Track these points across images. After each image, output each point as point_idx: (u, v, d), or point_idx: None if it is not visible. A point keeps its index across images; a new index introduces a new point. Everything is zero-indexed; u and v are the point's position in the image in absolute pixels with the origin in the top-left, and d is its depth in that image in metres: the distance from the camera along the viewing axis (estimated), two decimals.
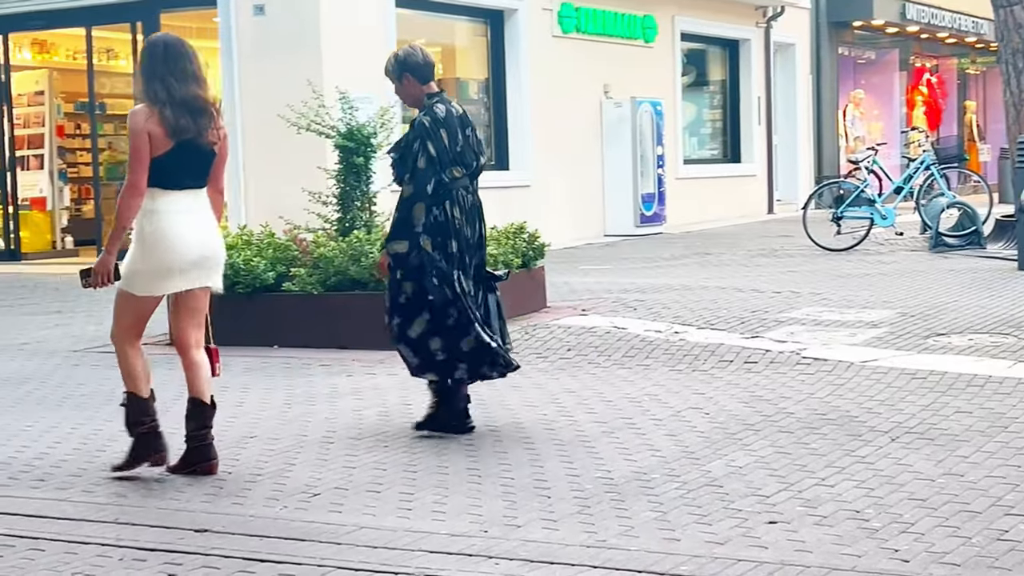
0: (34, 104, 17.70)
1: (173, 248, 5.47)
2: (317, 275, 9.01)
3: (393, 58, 6.32)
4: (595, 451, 5.79)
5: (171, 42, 5.63)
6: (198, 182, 5.59)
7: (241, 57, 14.71)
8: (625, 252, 15.87)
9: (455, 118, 6.24)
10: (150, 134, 5.42)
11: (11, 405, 7.36)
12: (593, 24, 18.54)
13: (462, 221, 6.19)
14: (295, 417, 6.78)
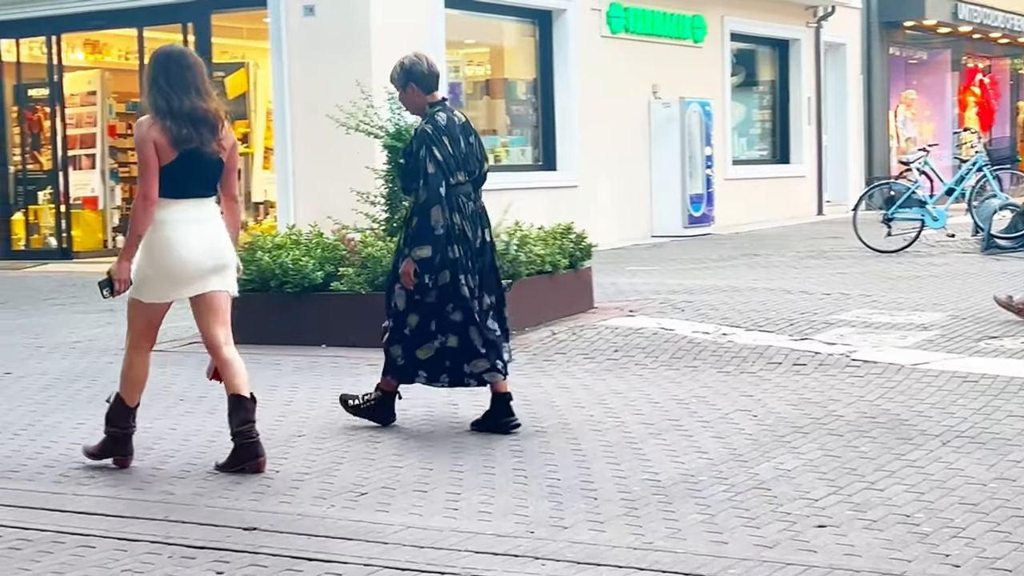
0: (86, 104, 17.87)
1: (179, 256, 5.57)
2: (365, 275, 9.03)
3: (399, 66, 6.43)
4: (642, 453, 5.77)
5: (175, 53, 5.77)
6: (206, 191, 5.69)
7: (291, 58, 14.79)
8: (673, 253, 15.81)
9: (457, 126, 6.36)
10: (155, 144, 5.53)
11: (62, 403, 7.43)
12: (642, 24, 18.48)
13: (463, 226, 6.29)
14: (342, 416, 6.78)
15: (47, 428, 6.71)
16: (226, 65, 16.75)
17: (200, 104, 5.60)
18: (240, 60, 17.07)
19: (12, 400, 7.55)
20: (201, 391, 7.63)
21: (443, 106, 6.43)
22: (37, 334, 10.24)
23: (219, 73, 16.35)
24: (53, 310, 11.77)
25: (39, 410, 7.23)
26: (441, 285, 6.27)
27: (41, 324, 10.77)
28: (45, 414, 7.10)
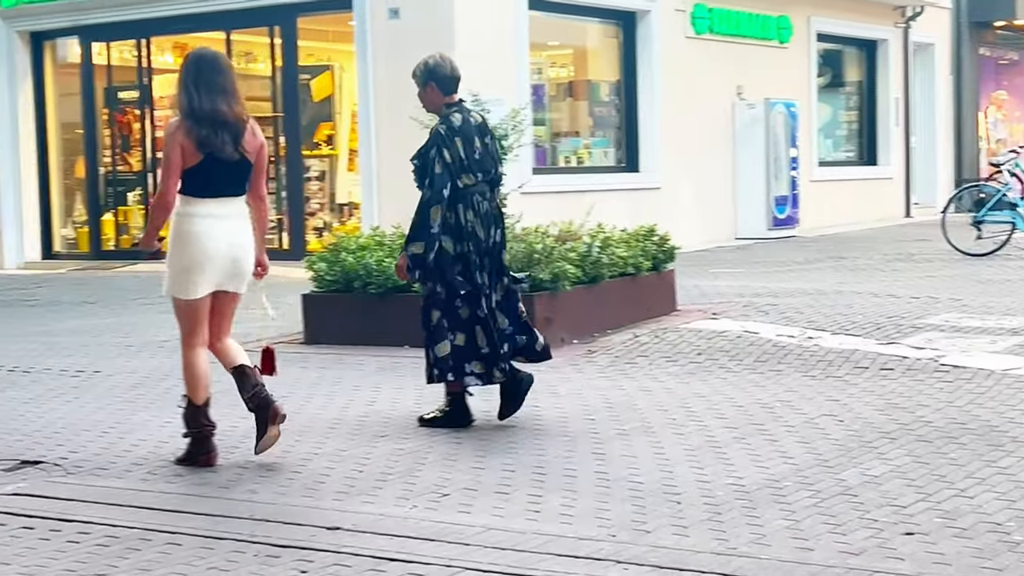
0: (175, 106, 18.11)
1: (203, 247, 5.78)
2: None
3: (423, 65, 6.57)
4: (726, 457, 5.71)
5: (207, 57, 5.94)
6: (235, 190, 5.89)
7: (376, 60, 14.88)
8: (757, 255, 15.67)
9: (472, 127, 6.50)
10: (182, 146, 5.75)
11: (150, 402, 7.54)
12: (727, 25, 18.35)
13: (476, 224, 6.45)
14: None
15: (135, 426, 6.81)
16: (312, 68, 16.90)
17: (223, 107, 5.77)
18: (326, 63, 17.21)
19: (101, 398, 7.67)
20: (284, 391, 7.69)
21: (460, 107, 6.55)
22: (126, 333, 10.41)
23: (305, 76, 16.52)
24: (142, 309, 11.94)
25: (127, 408, 7.34)
26: (450, 281, 6.43)
27: (130, 323, 10.94)
28: (133, 412, 7.20)
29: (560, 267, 8.83)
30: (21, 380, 8.42)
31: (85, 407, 7.41)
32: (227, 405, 7.03)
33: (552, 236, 9.47)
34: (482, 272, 6.49)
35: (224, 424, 6.67)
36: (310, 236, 16.24)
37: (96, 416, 7.12)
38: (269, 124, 17.14)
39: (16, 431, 6.73)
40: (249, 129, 5.89)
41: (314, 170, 16.66)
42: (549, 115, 16.81)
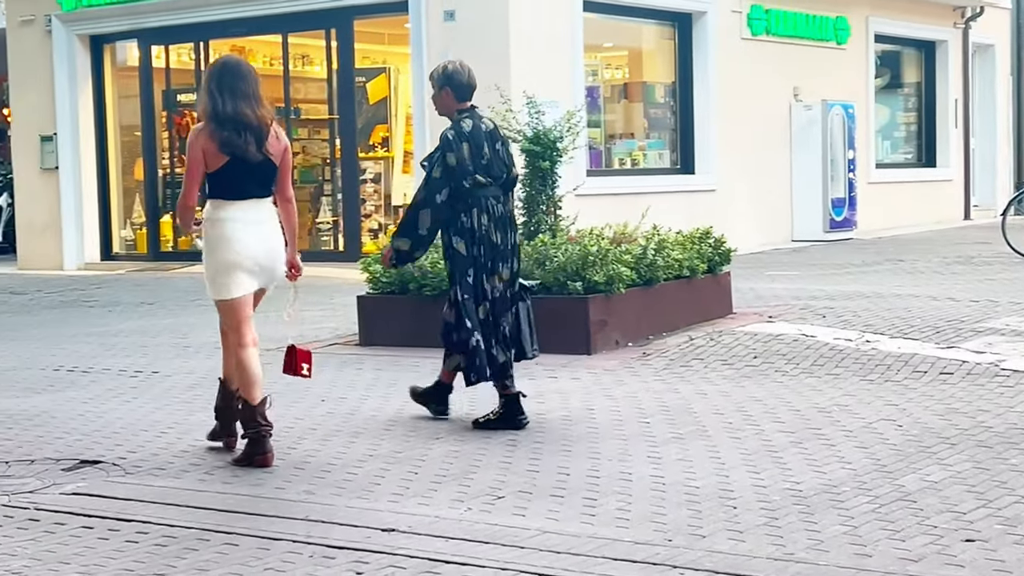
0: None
1: (234, 248, 5.95)
2: None
3: (441, 69, 6.75)
4: (783, 461, 5.67)
5: (228, 63, 6.17)
6: (261, 192, 6.05)
7: (431, 62, 14.86)
8: (814, 258, 15.55)
9: (482, 132, 6.66)
10: (204, 150, 5.94)
11: (207, 402, 7.55)
12: (783, 26, 18.23)
13: (490, 228, 6.58)
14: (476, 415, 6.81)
15: (193, 426, 6.86)
16: (367, 70, 16.97)
17: (247, 110, 5.93)
18: (381, 65, 17.28)
19: (159, 399, 7.74)
20: (341, 392, 7.73)
21: (471, 113, 6.71)
22: (184, 334, 10.49)
23: (360, 78, 16.59)
24: (199, 310, 12.02)
25: (185, 409, 7.40)
26: (472, 283, 6.57)
27: (188, 324, 11.03)
28: (191, 412, 7.26)
29: (615, 269, 8.81)
30: (80, 380, 8.51)
31: (143, 407, 7.48)
32: (283, 405, 7.07)
33: (607, 238, 9.45)
34: (491, 277, 6.61)
35: (280, 424, 6.71)
36: (365, 238, 16.31)
37: (154, 416, 7.18)
38: (325, 126, 17.25)
39: (75, 431, 6.81)
40: (273, 132, 6.04)
41: (369, 172, 16.73)
42: (604, 117, 16.77)
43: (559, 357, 8.49)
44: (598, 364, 8.37)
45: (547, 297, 8.87)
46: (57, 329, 11.16)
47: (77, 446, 6.44)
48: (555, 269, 8.81)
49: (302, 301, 6.31)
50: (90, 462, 6.07)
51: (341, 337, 9.84)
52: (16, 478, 5.81)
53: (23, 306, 13.38)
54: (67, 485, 5.64)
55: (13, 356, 9.64)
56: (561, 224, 9.56)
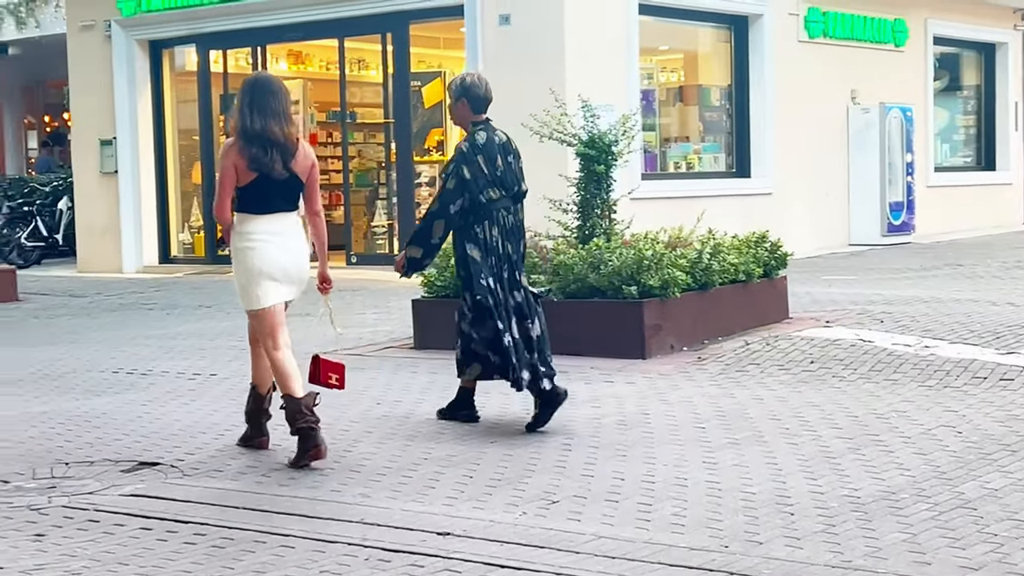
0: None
1: (261, 259, 6.14)
2: (557, 282, 9.05)
3: (460, 80, 6.91)
4: (840, 468, 5.62)
5: (260, 80, 6.31)
6: (287, 206, 6.24)
7: (486, 66, 14.92)
8: (871, 262, 15.42)
9: (496, 145, 6.82)
10: (235, 166, 6.13)
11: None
12: (841, 28, 18.09)
13: (499, 239, 6.73)
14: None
15: None
16: (423, 74, 17.02)
17: (275, 128, 6.10)
18: (437, 69, 17.33)
19: (218, 401, 7.80)
20: (396, 395, 7.76)
21: (485, 125, 6.87)
22: (241, 336, 10.51)
23: (416, 83, 16.64)
24: None
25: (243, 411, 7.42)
26: (483, 294, 6.67)
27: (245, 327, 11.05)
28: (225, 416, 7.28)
29: (670, 273, 8.77)
30: (139, 382, 8.60)
31: (202, 409, 7.54)
32: (339, 408, 7.11)
33: (662, 242, 9.41)
34: (502, 284, 6.73)
35: (336, 427, 6.74)
36: None
37: (212, 419, 7.24)
38: (380, 130, 17.32)
39: (134, 432, 6.88)
40: (301, 150, 6.22)
41: (424, 176, 16.77)
42: (659, 120, 16.72)
43: (614, 361, 8.47)
44: (653, 368, 8.34)
45: (602, 301, 8.86)
46: (116, 332, 11.28)
47: (136, 448, 6.51)
48: (610, 273, 8.79)
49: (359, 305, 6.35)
50: (149, 464, 6.13)
51: (396, 340, 9.88)
52: (76, 479, 5.88)
53: (83, 309, 13.55)
54: (126, 486, 5.70)
55: (73, 358, 9.76)
56: (616, 228, 9.53)
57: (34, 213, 19.96)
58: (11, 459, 6.33)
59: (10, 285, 14.32)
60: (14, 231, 19.67)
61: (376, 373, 8.52)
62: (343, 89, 17.28)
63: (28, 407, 7.75)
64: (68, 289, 15.69)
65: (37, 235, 19.86)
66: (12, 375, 9.02)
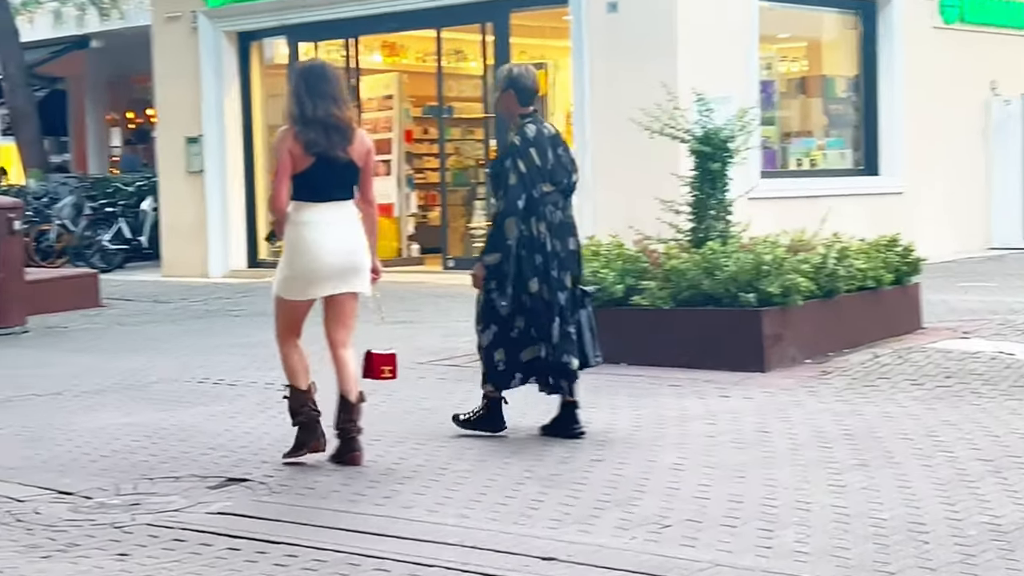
0: (383, 108, 18.52)
1: (314, 255, 6.39)
2: (668, 289, 9.02)
3: (506, 71, 7.13)
4: (979, 492, 5.52)
5: (314, 66, 6.64)
6: (343, 194, 6.49)
7: (592, 57, 14.95)
8: (1012, 267, 15.13)
9: (546, 138, 6.98)
10: (291, 152, 6.37)
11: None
12: (979, 13, 17.79)
13: (547, 235, 6.90)
14: (644, 441, 6.79)
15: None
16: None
17: (334, 111, 6.37)
18: (539, 60, 17.38)
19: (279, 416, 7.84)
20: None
21: (534, 118, 7.02)
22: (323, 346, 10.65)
23: None
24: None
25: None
26: (532, 293, 6.87)
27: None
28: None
29: (791, 280, 8.70)
30: (226, 393, 8.74)
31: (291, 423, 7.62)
32: (433, 421, 7.13)
33: (782, 246, 9.33)
34: (549, 284, 6.89)
35: (430, 444, 6.78)
36: None
37: (277, 432, 7.26)
38: (479, 126, 17.42)
39: (221, 447, 6.99)
40: (358, 135, 6.49)
41: None
42: (779, 114, 16.59)
43: (730, 375, 8.42)
44: (773, 382, 8.27)
45: (717, 310, 8.81)
46: (203, 340, 11.48)
47: (223, 463, 6.61)
48: (726, 279, 8.74)
49: (456, 312, 6.42)
50: (237, 480, 6.23)
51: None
52: (161, 496, 5.99)
53: (168, 315, 13.81)
54: (213, 504, 5.80)
55: (158, 368, 9.95)
56: (732, 230, 9.47)
57: (117, 214, 20.38)
58: (94, 474, 6.48)
59: (93, 290, 14.61)
60: (97, 233, 20.06)
61: (473, 386, 8.51)
62: (440, 82, 17.41)
63: (111, 419, 7.92)
64: (152, 294, 16.00)
65: (120, 237, 20.27)
66: (95, 385, 9.22)
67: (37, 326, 12.64)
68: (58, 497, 6.03)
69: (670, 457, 6.41)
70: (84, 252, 19.69)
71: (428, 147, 19.11)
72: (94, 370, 9.91)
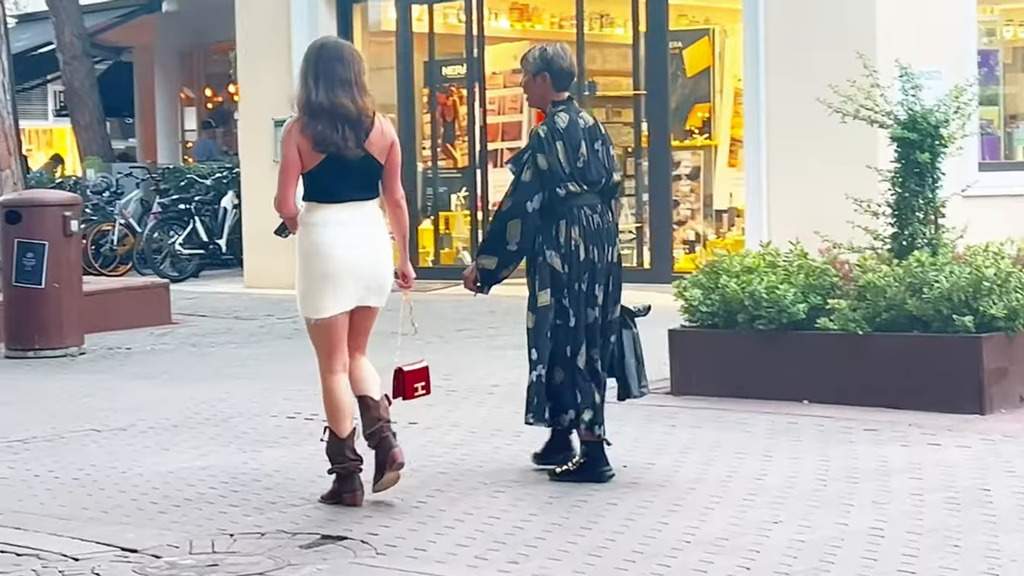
0: (511, 85, 18.51)
1: (330, 260, 6.67)
2: (863, 309, 8.91)
3: (539, 52, 7.39)
4: None
5: (327, 45, 6.86)
6: (363, 194, 6.78)
7: (769, 21, 14.82)
8: None
9: (580, 130, 7.24)
10: (298, 145, 6.64)
11: (479, 464, 7.73)
12: None
13: (581, 243, 7.13)
14: (832, 498, 6.72)
15: (459, 495, 7.01)
16: (684, 33, 16.99)
17: (344, 100, 6.60)
18: (703, 26, 17.29)
19: (417, 457, 7.87)
20: (645, 456, 7.75)
21: (568, 106, 7.31)
22: (447, 374, 10.69)
23: (675, 44, 16.62)
24: (467, 343, 12.26)
25: (451, 471, 7.55)
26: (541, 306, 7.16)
27: (452, 361, 11.23)
28: (458, 476, 7.40)
29: (1019, 300, 8.54)
30: (319, 431, 8.76)
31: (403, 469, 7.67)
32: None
33: (1008, 257, 9.17)
34: (591, 300, 7.14)
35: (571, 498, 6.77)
36: (679, 251, 16.33)
37: (410, 481, 7.34)
38: (628, 105, 17.37)
39: (314, 496, 7.04)
40: (378, 126, 6.71)
41: (685, 165, 16.76)
42: (1003, 91, 16.29)
43: (941, 417, 8.31)
44: (995, 428, 8.14)
45: (925, 336, 8.69)
46: (291, 365, 11.57)
47: (317, 516, 6.68)
48: (936, 298, 8.61)
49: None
50: (333, 538, 6.28)
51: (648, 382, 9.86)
52: (243, 555, 6.06)
53: (251, 335, 13.94)
54: (305, 567, 5.85)
55: (239, 399, 10.06)
56: (945, 237, 9.33)
57: (192, 212, 20.33)
58: (163, 527, 6.58)
59: (162, 304, 14.74)
60: (167, 235, 20.08)
61: (620, 425, 8.49)
62: (580, 53, 17.34)
63: (184, 461, 8.04)
64: (232, 309, 16.16)
65: (195, 240, 20.27)
66: (165, 419, 9.37)
67: (96, 346, 12.86)
68: (121, 555, 6.14)
69: (867, 518, 6.34)
70: (152, 257, 19.79)
71: None
72: (163, 401, 10.07)
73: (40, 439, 8.82)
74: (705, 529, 6.26)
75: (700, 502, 6.76)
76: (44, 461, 8.15)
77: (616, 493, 6.95)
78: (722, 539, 6.09)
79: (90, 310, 13.17)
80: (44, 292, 12.53)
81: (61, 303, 12.62)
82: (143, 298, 14.81)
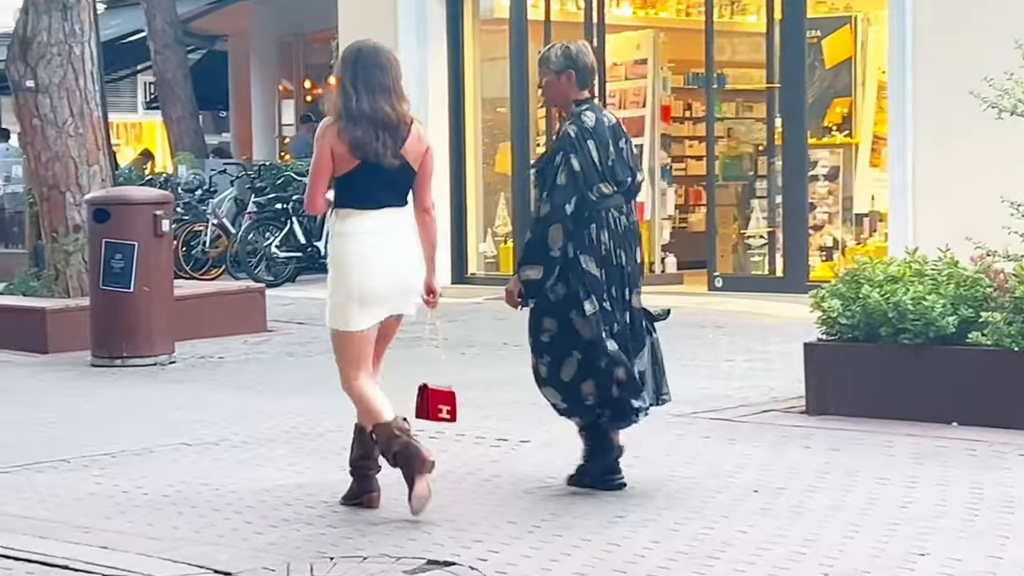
0: (633, 77, 18.55)
1: (364, 271, 7.01)
2: (1019, 323, 8.81)
3: (562, 49, 7.60)
4: None
5: (365, 50, 7.16)
6: (396, 201, 7.13)
7: (916, 9, 14.72)
8: None
9: (606, 128, 7.51)
10: (333, 149, 7.00)
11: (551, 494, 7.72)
12: None
13: (610, 246, 7.41)
14: (984, 529, 6.65)
15: (575, 517, 6.98)
16: (824, 20, 16.87)
17: (384, 106, 6.97)
18: (843, 13, 17.17)
19: (527, 478, 7.91)
20: (780, 479, 7.72)
21: (591, 104, 7.57)
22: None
23: (813, 32, 16.52)
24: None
25: (564, 494, 7.53)
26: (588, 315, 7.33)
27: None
28: (575, 499, 7.38)
29: None
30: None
31: (514, 489, 7.68)
32: (703, 495, 7.09)
33: None
34: (620, 303, 7.43)
35: (701, 520, 6.75)
36: (815, 258, 16.23)
37: (521, 503, 7.35)
38: (760, 99, 17.31)
39: (421, 520, 7.07)
40: (414, 133, 7.09)
41: (823, 165, 16.66)
42: None
43: None
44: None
45: None
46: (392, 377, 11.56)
47: (422, 539, 6.70)
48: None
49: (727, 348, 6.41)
50: (439, 563, 6.30)
51: (780, 400, 9.82)
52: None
53: None
54: None
55: (338, 413, 10.06)
56: None
57: (289, 212, 20.42)
58: (259, 549, 6.64)
59: (258, 310, 14.88)
60: (263, 236, 20.22)
61: (751, 447, 8.50)
62: (709, 42, 17.34)
63: (279, 478, 8.11)
64: (319, 317, 16.22)
65: (292, 242, 20.38)
66: (259, 433, 9.46)
67: (186, 355, 13.03)
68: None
69: (1021, 552, 6.27)
70: (247, 260, 19.95)
71: (691, 128, 19.07)
72: (258, 413, 10.17)
73: (128, 453, 8.95)
74: (844, 561, 6.21)
75: (838, 531, 6.71)
76: (132, 476, 8.27)
77: (749, 520, 6.91)
78: (864, 571, 6.04)
79: (181, 316, 13.28)
80: (133, 296, 12.68)
81: (150, 308, 12.75)
82: (237, 304, 14.93)
